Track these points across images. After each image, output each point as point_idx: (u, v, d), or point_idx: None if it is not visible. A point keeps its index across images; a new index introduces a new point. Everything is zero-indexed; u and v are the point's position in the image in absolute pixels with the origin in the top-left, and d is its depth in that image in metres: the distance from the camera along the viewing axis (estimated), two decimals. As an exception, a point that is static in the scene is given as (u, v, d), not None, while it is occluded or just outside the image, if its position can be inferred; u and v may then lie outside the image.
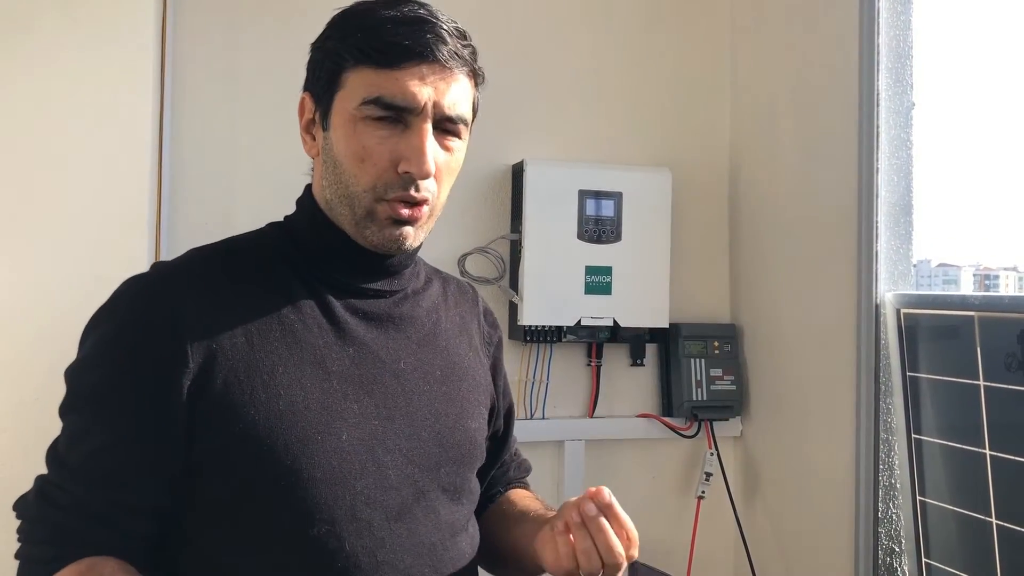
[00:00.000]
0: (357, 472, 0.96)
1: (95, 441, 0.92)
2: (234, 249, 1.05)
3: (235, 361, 0.94)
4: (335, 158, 1.00)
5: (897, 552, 1.67)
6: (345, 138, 0.98)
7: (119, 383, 0.93)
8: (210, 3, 1.86)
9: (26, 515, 0.94)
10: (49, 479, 0.94)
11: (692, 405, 2.05)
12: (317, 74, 1.03)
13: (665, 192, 2.03)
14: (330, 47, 1.01)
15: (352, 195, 0.99)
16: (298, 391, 0.95)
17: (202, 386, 0.92)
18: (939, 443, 1.54)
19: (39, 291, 1.60)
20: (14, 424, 1.57)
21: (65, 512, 0.91)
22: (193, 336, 0.93)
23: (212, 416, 0.92)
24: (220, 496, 0.94)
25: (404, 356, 1.05)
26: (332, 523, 0.94)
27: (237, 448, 0.92)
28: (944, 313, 1.53)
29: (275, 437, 0.93)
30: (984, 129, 1.64)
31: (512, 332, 2.00)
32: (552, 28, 2.08)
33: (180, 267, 1.01)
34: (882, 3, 1.69)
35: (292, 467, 0.93)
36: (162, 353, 0.92)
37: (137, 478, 0.92)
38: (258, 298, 0.99)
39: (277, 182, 1.86)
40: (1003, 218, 1.61)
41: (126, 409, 0.92)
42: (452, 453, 1.06)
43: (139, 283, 0.98)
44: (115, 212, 1.65)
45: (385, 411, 1.01)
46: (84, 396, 0.94)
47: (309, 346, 0.98)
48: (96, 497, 0.91)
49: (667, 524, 2.12)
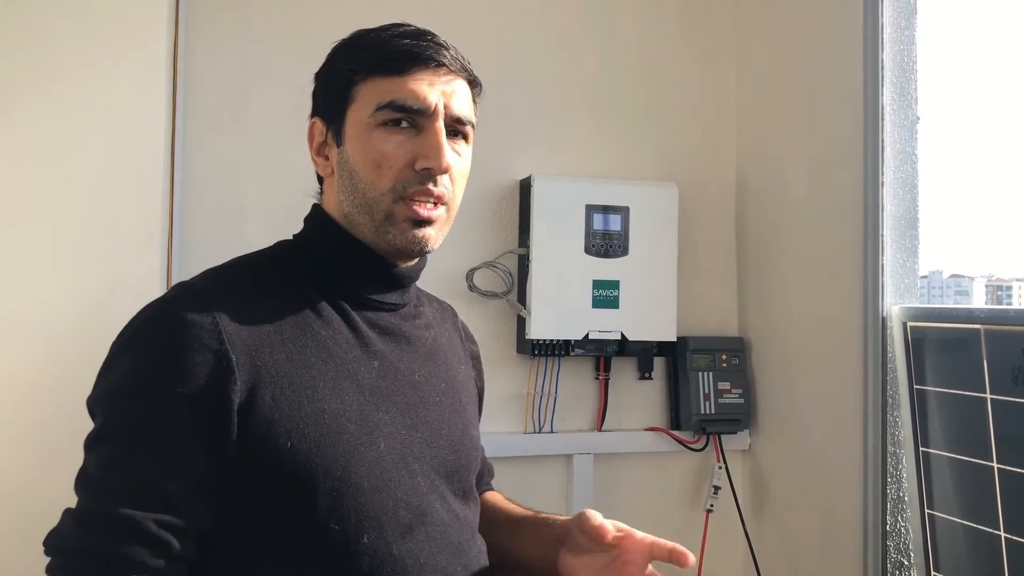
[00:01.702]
0: (396, 480, 0.99)
1: (144, 465, 0.89)
2: (257, 265, 1.06)
3: (279, 377, 0.95)
4: (352, 169, 1.03)
5: (906, 565, 1.66)
6: (361, 147, 1.02)
7: (169, 404, 0.90)
8: (222, 22, 1.88)
9: (66, 548, 0.88)
10: (90, 508, 0.89)
11: (700, 418, 2.05)
12: (326, 95, 1.07)
13: (672, 206, 2.04)
14: (339, 67, 1.05)
15: (370, 201, 1.02)
16: (338, 404, 0.97)
17: (251, 402, 0.92)
18: (947, 456, 1.54)
19: (53, 306, 1.61)
20: (30, 438, 1.58)
21: (116, 540, 0.87)
22: (238, 353, 0.93)
23: (263, 432, 0.92)
24: (268, 512, 0.93)
25: (416, 369, 1.08)
26: (380, 530, 0.96)
27: (290, 463, 0.93)
28: (951, 326, 1.53)
29: (324, 450, 0.94)
30: (992, 141, 1.65)
31: (520, 346, 2.01)
32: (559, 45, 2.10)
33: (213, 285, 1.00)
34: (886, 18, 1.70)
35: (343, 477, 0.94)
36: (212, 373, 0.91)
37: (188, 499, 0.90)
38: (290, 313, 1.00)
39: (288, 198, 1.88)
40: (1015, 229, 1.62)
41: (177, 430, 0.90)
42: (463, 459, 1.10)
43: (176, 304, 0.96)
44: (127, 228, 1.66)
45: (410, 421, 1.04)
46: (127, 420, 0.91)
47: (341, 360, 1.00)
48: (149, 521, 0.87)
49: (676, 537, 2.06)
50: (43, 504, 0.97)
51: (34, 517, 0.98)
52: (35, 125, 1.63)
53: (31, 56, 1.63)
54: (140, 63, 1.69)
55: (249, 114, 1.90)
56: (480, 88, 1.11)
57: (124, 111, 1.67)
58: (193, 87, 1.85)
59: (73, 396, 0.97)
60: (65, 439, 0.96)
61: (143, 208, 1.68)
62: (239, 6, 1.90)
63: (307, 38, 1.92)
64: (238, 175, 1.89)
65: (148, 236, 1.68)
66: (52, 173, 1.63)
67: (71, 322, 1.61)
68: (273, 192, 1.89)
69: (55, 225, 1.63)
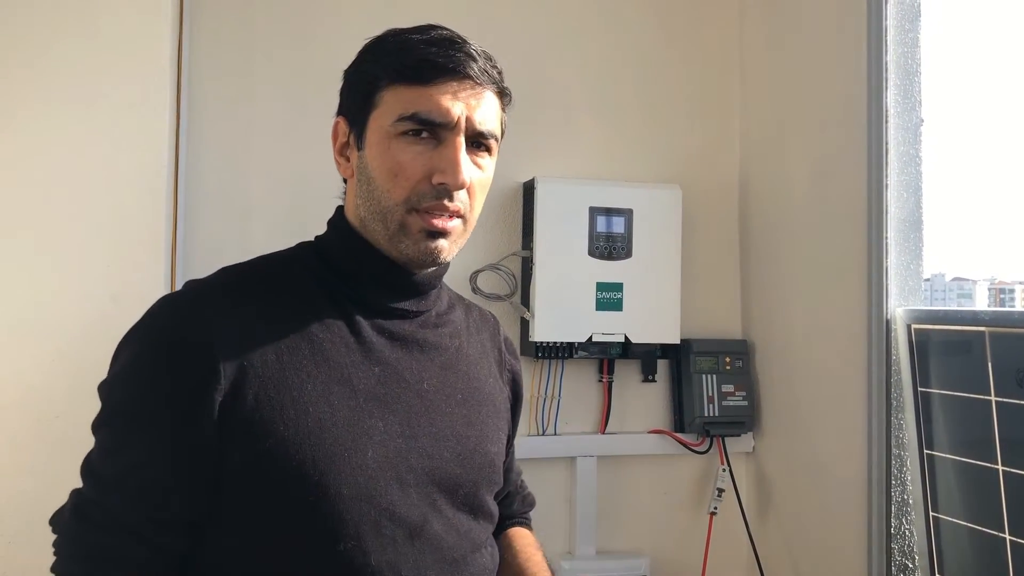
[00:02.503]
0: (382, 489, 0.97)
1: (129, 456, 0.93)
2: (265, 267, 1.06)
3: (265, 378, 0.95)
4: (369, 175, 1.02)
5: (910, 568, 1.66)
6: (380, 155, 1.01)
7: (152, 399, 0.94)
8: (226, 24, 1.89)
9: (61, 530, 0.95)
10: (84, 494, 0.95)
11: (704, 421, 2.05)
12: (351, 97, 1.06)
13: (675, 209, 2.04)
14: (364, 69, 1.04)
15: (385, 209, 1.01)
16: (325, 408, 0.97)
17: (233, 403, 0.93)
18: (951, 459, 1.54)
19: (58, 310, 1.62)
20: (35, 441, 1.59)
21: (101, 529, 0.92)
22: (225, 353, 0.94)
23: (242, 432, 0.93)
24: (248, 511, 0.95)
25: (427, 377, 1.07)
26: (358, 539, 0.95)
27: (267, 464, 0.93)
28: (955, 328, 1.53)
29: (304, 453, 0.94)
30: (996, 144, 1.64)
31: (524, 348, 2.01)
32: (563, 47, 2.10)
33: (212, 285, 1.02)
34: (890, 21, 1.70)
35: (320, 483, 0.94)
36: (195, 370, 0.93)
37: (170, 493, 0.93)
38: (288, 316, 1.00)
39: (292, 201, 1.90)
40: (1019, 232, 1.61)
41: (160, 424, 0.93)
42: (472, 475, 1.08)
43: (173, 301, 1.00)
44: (132, 232, 1.67)
45: (408, 430, 1.02)
46: (118, 411, 0.96)
47: (337, 364, 1.00)
48: (131, 512, 0.92)
49: (679, 540, 2.11)
50: (49, 506, 0.98)
51: (40, 520, 0.99)
52: (38, 127, 1.63)
53: (34, 57, 1.63)
54: (144, 64, 1.69)
55: (254, 115, 1.90)
56: (510, 98, 1.09)
57: (128, 113, 1.67)
58: (197, 88, 1.85)
59: (79, 398, 0.98)
60: (71, 441, 0.97)
61: (148, 210, 1.68)
62: (243, 5, 1.90)
63: (312, 37, 1.93)
64: (243, 177, 1.89)
65: (153, 238, 1.68)
66: (55, 176, 1.63)
67: (76, 325, 1.61)
68: (278, 194, 1.89)
69: (59, 228, 1.63)
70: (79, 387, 0.99)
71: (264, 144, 1.90)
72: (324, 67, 1.96)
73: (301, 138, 1.91)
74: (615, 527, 2.08)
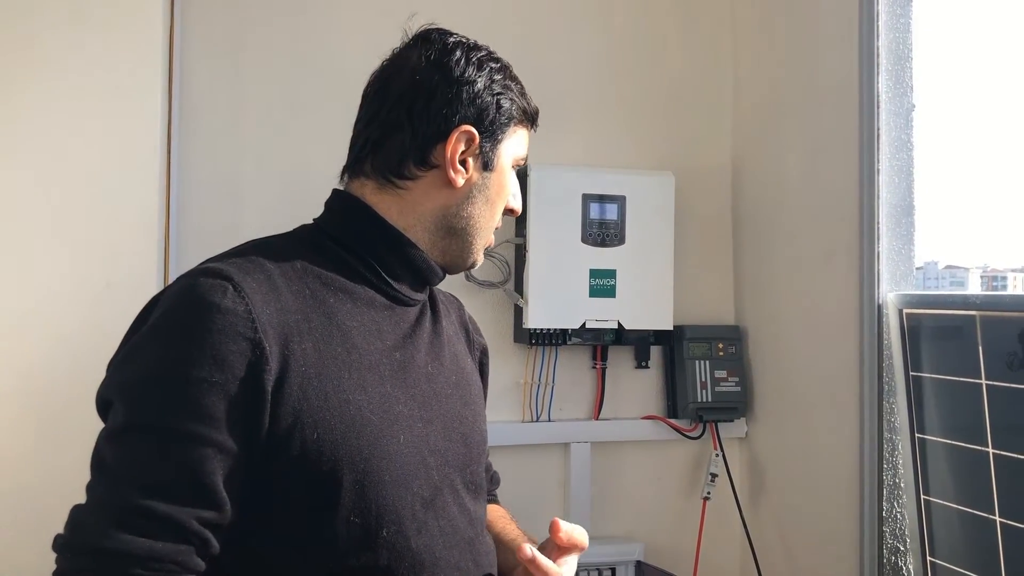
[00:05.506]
0: (412, 473, 0.99)
1: (179, 458, 0.86)
2: (279, 250, 1.01)
3: (306, 366, 0.93)
4: (489, 196, 1.10)
5: (902, 551, 1.67)
6: (503, 184, 1.11)
7: (204, 395, 0.87)
8: (218, 8, 1.88)
9: (97, 547, 0.83)
10: (121, 505, 0.84)
11: (697, 407, 2.06)
12: (488, 117, 1.08)
13: (668, 195, 2.05)
14: (502, 101, 1.09)
15: (483, 229, 1.11)
16: (362, 396, 0.97)
17: (281, 392, 0.91)
18: (942, 442, 1.55)
19: (51, 299, 1.61)
20: (32, 432, 1.58)
21: (156, 538, 0.84)
22: (270, 341, 0.90)
23: (291, 423, 0.91)
24: (290, 503, 0.93)
25: (429, 362, 1.08)
26: (399, 524, 0.96)
27: (315, 454, 0.92)
28: (946, 313, 1.54)
29: (350, 442, 0.94)
30: (988, 130, 1.65)
31: (517, 335, 2.01)
32: (554, 34, 2.10)
33: (239, 270, 0.94)
34: (881, 6, 1.71)
35: (366, 470, 0.94)
36: (248, 360, 0.89)
37: (221, 493, 0.88)
38: (316, 301, 0.98)
39: (284, 187, 1.90)
40: (1010, 219, 1.62)
41: (214, 422, 0.87)
42: (474, 452, 1.11)
43: (205, 288, 0.91)
44: (125, 219, 1.66)
45: (426, 414, 1.04)
46: (158, 412, 0.87)
47: (364, 351, 0.99)
48: (190, 517, 0.86)
49: (673, 526, 2.12)
50: (47, 499, 0.96)
51: (38, 511, 0.97)
52: (30, 114, 1.62)
53: (26, 43, 1.63)
54: (136, 53, 1.68)
55: (246, 100, 1.89)
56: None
57: (120, 101, 1.67)
58: (189, 74, 1.85)
59: (75, 388, 0.97)
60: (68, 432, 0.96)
61: (140, 198, 1.68)
62: (234, -5, 1.89)
63: (305, 21, 1.92)
64: (234, 164, 1.89)
65: (146, 224, 1.68)
66: (48, 162, 1.63)
67: (71, 313, 1.61)
68: (271, 179, 1.89)
69: (52, 217, 1.63)
70: (76, 372, 0.97)
71: (257, 129, 1.89)
72: (317, 52, 1.96)
73: (294, 123, 1.91)
74: (609, 513, 2.09)
